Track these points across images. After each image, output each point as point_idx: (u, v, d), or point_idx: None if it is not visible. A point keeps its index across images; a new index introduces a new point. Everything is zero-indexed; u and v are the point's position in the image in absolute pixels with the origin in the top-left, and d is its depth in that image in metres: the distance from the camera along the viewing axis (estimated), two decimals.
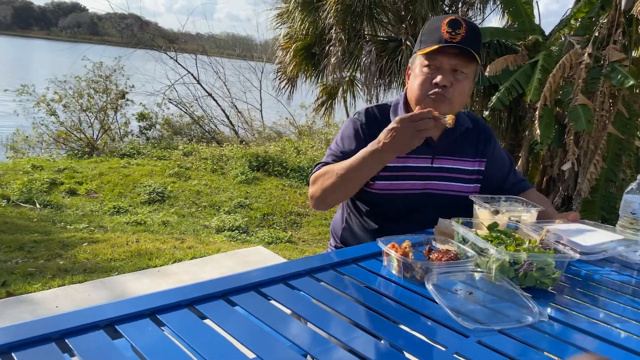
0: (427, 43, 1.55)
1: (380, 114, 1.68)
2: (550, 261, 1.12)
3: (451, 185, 1.67)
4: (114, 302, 0.93)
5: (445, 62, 1.53)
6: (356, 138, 1.63)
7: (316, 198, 1.60)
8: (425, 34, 1.58)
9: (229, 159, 7.41)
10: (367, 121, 1.65)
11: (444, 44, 1.51)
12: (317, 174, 1.60)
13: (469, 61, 1.55)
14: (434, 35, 1.54)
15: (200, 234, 4.66)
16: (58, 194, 5.50)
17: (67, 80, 8.64)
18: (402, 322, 0.96)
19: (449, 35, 1.51)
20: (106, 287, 3.19)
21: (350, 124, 1.67)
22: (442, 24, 1.53)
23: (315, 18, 6.79)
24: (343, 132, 1.68)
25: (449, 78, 1.53)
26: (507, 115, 5.71)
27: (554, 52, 4.95)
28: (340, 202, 1.74)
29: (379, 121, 1.64)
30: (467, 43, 1.52)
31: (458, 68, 1.54)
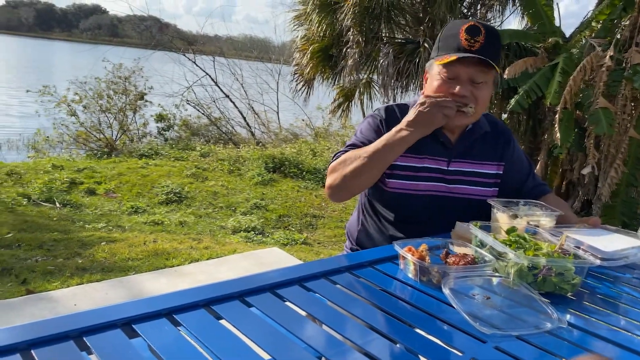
0: (444, 50, 1.53)
1: (400, 112, 1.66)
2: (569, 267, 1.11)
3: (468, 188, 1.65)
4: (131, 302, 0.93)
5: (463, 71, 1.51)
6: (376, 132, 1.62)
7: (335, 186, 1.56)
8: (442, 40, 1.56)
9: (245, 160, 7.44)
10: (387, 117, 1.64)
11: (462, 53, 1.48)
12: (336, 162, 1.57)
13: (487, 69, 1.51)
14: (451, 42, 1.52)
15: (216, 234, 4.68)
16: (77, 193, 5.58)
17: (88, 82, 8.78)
18: (418, 326, 0.95)
19: (467, 43, 1.49)
20: (124, 286, 3.22)
21: (370, 119, 1.67)
22: (460, 31, 1.50)
23: (333, 20, 6.79)
24: (363, 126, 1.67)
25: (468, 87, 1.51)
26: (525, 118, 5.65)
27: (575, 54, 4.88)
28: (360, 190, 1.68)
29: (399, 119, 1.62)
30: (485, 50, 1.49)
31: (475, 78, 1.52)
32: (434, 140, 1.62)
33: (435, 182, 1.62)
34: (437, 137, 1.62)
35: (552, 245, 1.20)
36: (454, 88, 1.50)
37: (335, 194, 1.58)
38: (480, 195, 1.65)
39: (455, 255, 1.19)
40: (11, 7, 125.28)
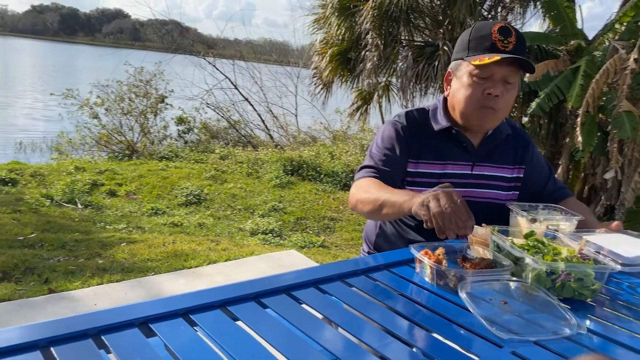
0: (477, 51, 1.51)
1: (420, 117, 1.66)
2: (589, 272, 1.09)
3: (490, 192, 1.64)
4: (148, 301, 0.95)
5: (497, 72, 1.49)
6: (398, 139, 1.61)
7: (353, 206, 1.58)
8: (474, 40, 1.53)
9: (264, 163, 7.48)
10: (408, 123, 1.63)
11: (501, 53, 1.47)
12: (361, 185, 1.55)
13: (518, 70, 1.52)
14: (484, 42, 1.50)
15: (234, 236, 4.71)
16: (99, 194, 5.66)
17: (110, 85, 8.92)
18: (435, 330, 0.95)
19: (501, 44, 1.48)
20: (143, 286, 3.26)
21: (391, 126, 1.64)
22: (492, 31, 1.49)
23: (352, 23, 6.80)
24: (384, 133, 1.65)
25: (500, 87, 1.50)
26: (547, 122, 5.57)
27: (598, 57, 4.81)
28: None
29: (419, 124, 1.63)
30: (518, 52, 1.49)
31: (509, 78, 1.51)
32: (457, 145, 1.62)
33: (459, 187, 1.60)
34: (460, 142, 1.62)
35: (571, 250, 1.19)
36: (488, 88, 1.49)
37: (352, 207, 1.60)
38: (500, 199, 1.65)
39: (472, 259, 1.18)
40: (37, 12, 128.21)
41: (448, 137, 1.62)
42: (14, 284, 3.19)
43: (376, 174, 1.57)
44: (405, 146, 1.60)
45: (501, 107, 1.52)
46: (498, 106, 1.51)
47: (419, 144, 1.61)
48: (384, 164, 1.58)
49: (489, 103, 1.50)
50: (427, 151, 1.61)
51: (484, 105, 1.51)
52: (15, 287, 3.14)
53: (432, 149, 1.61)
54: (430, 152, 1.61)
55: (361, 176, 1.59)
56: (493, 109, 1.51)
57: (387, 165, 1.58)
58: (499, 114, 1.54)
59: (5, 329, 0.81)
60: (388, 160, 1.59)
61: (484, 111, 1.52)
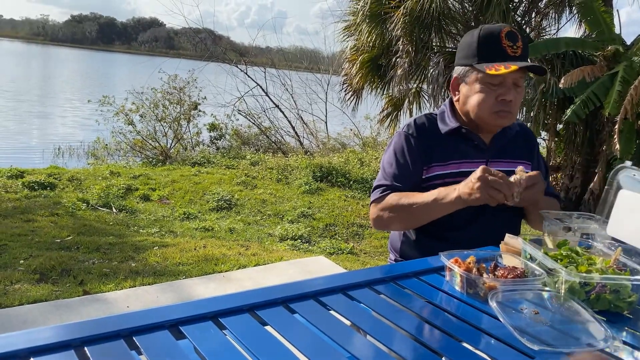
0: (489, 58, 1.53)
1: (429, 122, 1.68)
2: (626, 284, 1.06)
3: None
4: (179, 304, 0.96)
5: (509, 77, 1.53)
6: (409, 150, 1.63)
7: (381, 225, 1.64)
8: (483, 46, 1.54)
9: (293, 169, 7.52)
10: (417, 132, 1.65)
11: (513, 60, 1.51)
12: (382, 202, 1.60)
13: (525, 72, 1.58)
14: (494, 49, 1.53)
15: (264, 241, 4.75)
16: (133, 199, 5.79)
17: (144, 92, 9.14)
18: (464, 339, 0.93)
19: (511, 50, 1.52)
20: (174, 289, 3.31)
21: (402, 138, 1.66)
22: (501, 37, 1.52)
23: (383, 30, 6.80)
24: (395, 147, 1.67)
25: (513, 92, 1.54)
26: (582, 129, 5.45)
27: (637, 62, 4.68)
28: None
29: (428, 129, 1.66)
30: (525, 54, 1.55)
31: (518, 82, 1.55)
32: (469, 144, 1.64)
33: None
34: (472, 140, 1.64)
35: (607, 260, 1.15)
36: (502, 94, 1.53)
37: (380, 228, 1.68)
38: None
39: (503, 268, 1.16)
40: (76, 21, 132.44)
41: (459, 137, 1.64)
42: (51, 285, 3.29)
43: (391, 191, 1.61)
44: (417, 155, 1.62)
45: (514, 108, 1.58)
46: (511, 109, 1.56)
47: (431, 149, 1.63)
48: (398, 179, 1.62)
49: (504, 108, 1.54)
50: (439, 154, 1.62)
51: (498, 110, 1.55)
52: (52, 288, 3.23)
53: (444, 151, 1.62)
54: (443, 154, 1.62)
55: (377, 197, 1.63)
56: (508, 112, 1.56)
57: (401, 181, 1.62)
58: (513, 115, 1.59)
59: (42, 329, 0.84)
60: (401, 175, 1.63)
61: (499, 115, 1.56)
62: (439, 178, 1.61)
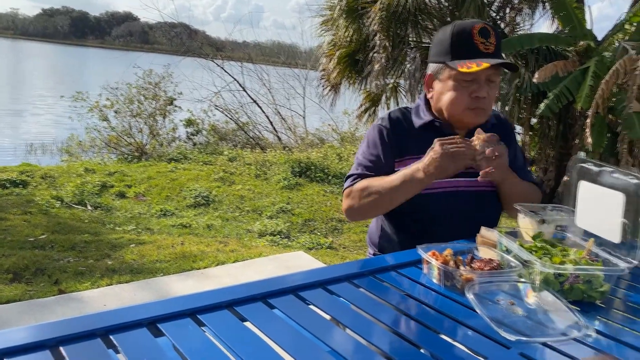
0: (462, 55, 1.53)
1: (403, 116, 1.70)
2: (598, 274, 1.08)
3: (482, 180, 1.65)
4: (157, 301, 0.95)
5: (482, 74, 1.53)
6: (382, 142, 1.64)
7: (353, 213, 1.64)
8: (456, 44, 1.55)
9: (272, 165, 7.49)
10: (391, 125, 1.66)
11: (485, 57, 1.51)
12: (353, 189, 1.61)
13: (500, 69, 1.58)
14: (467, 46, 1.53)
15: (243, 237, 4.73)
16: (108, 196, 5.70)
17: (119, 87, 8.98)
18: (442, 331, 0.94)
19: (484, 47, 1.52)
20: (151, 287, 3.28)
21: (375, 130, 1.68)
22: (473, 33, 1.52)
23: (359, 25, 6.80)
24: (368, 139, 1.69)
25: (486, 89, 1.55)
26: (556, 123, 5.54)
27: (607, 57, 4.78)
28: (376, 216, 1.77)
29: (403, 123, 1.67)
30: (499, 50, 1.56)
31: (492, 77, 1.56)
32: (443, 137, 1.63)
33: (447, 179, 1.61)
34: (445, 134, 1.64)
35: (580, 251, 1.18)
36: (475, 91, 1.54)
37: (354, 218, 1.68)
38: (490, 186, 1.66)
39: (480, 260, 1.18)
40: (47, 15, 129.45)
41: (432, 131, 1.64)
42: (25, 284, 3.22)
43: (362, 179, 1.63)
44: (389, 148, 1.64)
45: (488, 104, 1.59)
46: (485, 105, 1.57)
47: (404, 142, 1.64)
48: (370, 170, 1.64)
49: (478, 104, 1.55)
50: (413, 147, 1.63)
51: (472, 107, 1.56)
52: (25, 287, 3.17)
53: (418, 145, 1.62)
54: (417, 148, 1.62)
55: (348, 185, 1.64)
56: (482, 109, 1.57)
57: (372, 171, 1.63)
58: (487, 112, 1.60)
59: (16, 329, 0.82)
60: (373, 166, 1.64)
61: (473, 112, 1.57)
62: None
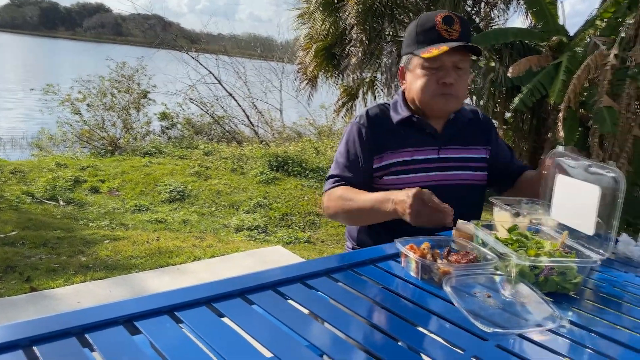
0: (425, 43, 1.57)
1: (381, 112, 1.71)
2: (572, 266, 1.10)
3: (460, 174, 1.69)
4: (133, 299, 0.94)
5: (447, 60, 1.56)
6: (360, 141, 1.65)
7: (330, 217, 1.68)
8: (420, 34, 1.59)
9: (248, 159, 7.45)
10: (369, 123, 1.67)
11: (447, 42, 1.53)
12: (332, 194, 1.62)
13: (467, 55, 1.60)
14: (430, 34, 1.57)
15: (219, 233, 4.69)
16: (81, 191, 5.59)
17: (91, 80, 8.79)
18: (420, 324, 0.95)
19: (447, 33, 1.55)
20: (127, 284, 3.23)
21: (354, 128, 1.69)
22: (436, 22, 1.56)
23: (336, 19, 6.80)
24: (347, 138, 1.69)
25: (453, 75, 1.57)
26: (529, 117, 5.63)
27: (579, 53, 4.87)
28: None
29: (381, 120, 1.68)
30: (465, 38, 1.57)
31: (459, 64, 1.58)
32: (421, 132, 1.67)
33: (428, 172, 1.65)
34: (423, 128, 1.67)
35: (554, 243, 1.20)
36: (442, 77, 1.56)
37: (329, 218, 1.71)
38: (471, 180, 1.70)
39: (457, 253, 1.19)
40: (16, 5, 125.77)
41: (411, 126, 1.67)
42: None
43: (342, 182, 1.63)
44: (368, 146, 1.64)
45: (458, 91, 1.60)
46: (454, 91, 1.58)
47: (383, 138, 1.65)
48: (349, 170, 1.65)
49: (445, 90, 1.57)
50: (391, 143, 1.64)
51: (441, 93, 1.58)
52: None
53: (397, 140, 1.65)
54: (396, 143, 1.64)
55: (329, 187, 1.65)
56: (451, 95, 1.58)
57: (352, 171, 1.64)
58: (458, 98, 1.62)
59: None
60: (352, 165, 1.65)
61: (442, 98, 1.59)
62: (393, 166, 1.63)
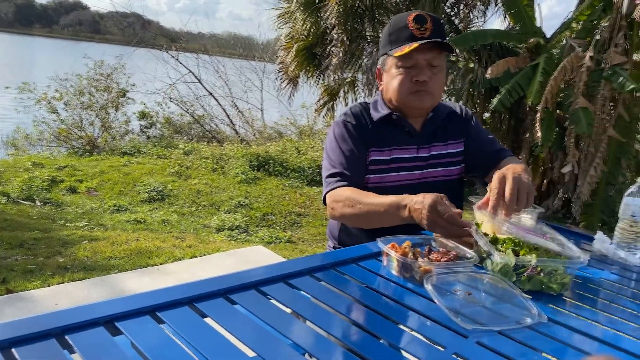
0: (398, 43, 1.59)
1: (363, 111, 1.72)
2: (559, 267, 1.12)
3: (440, 171, 1.72)
4: (114, 299, 0.93)
5: (420, 58, 1.58)
6: (351, 136, 1.66)
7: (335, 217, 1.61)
8: (393, 34, 1.62)
9: (229, 159, 7.41)
10: (354, 118, 1.69)
11: (419, 41, 1.55)
12: (339, 195, 1.55)
13: (441, 53, 1.61)
14: (402, 33, 1.59)
15: (200, 233, 4.66)
16: (58, 191, 5.50)
17: (69, 79, 8.65)
18: (401, 322, 0.96)
19: (419, 32, 1.57)
20: (106, 285, 3.19)
21: (341, 126, 1.69)
22: (408, 22, 1.58)
23: (317, 18, 6.80)
24: (337, 136, 1.68)
25: (427, 72, 1.59)
26: (507, 117, 5.72)
27: (556, 55, 4.96)
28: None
29: (364, 118, 1.70)
30: (437, 35, 1.59)
31: (433, 62, 1.60)
32: (400, 131, 1.69)
33: (408, 171, 1.67)
34: (403, 127, 1.69)
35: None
36: (415, 75, 1.59)
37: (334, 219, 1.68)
38: (449, 175, 1.73)
39: (437, 252, 1.20)
40: None
41: (391, 124, 1.69)
42: None
43: (344, 180, 1.59)
44: (359, 141, 1.65)
45: (433, 88, 1.62)
46: (429, 88, 1.60)
47: (368, 135, 1.67)
48: (348, 167, 1.62)
49: (419, 88, 1.60)
50: (375, 141, 1.66)
51: (415, 91, 1.60)
52: None
53: (378, 138, 1.67)
54: (378, 141, 1.66)
55: (332, 187, 1.59)
56: (426, 92, 1.60)
57: (350, 168, 1.62)
58: (433, 96, 1.63)
59: None
60: (348, 162, 1.62)
61: (417, 95, 1.61)
62: (375, 164, 1.65)
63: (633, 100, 4.81)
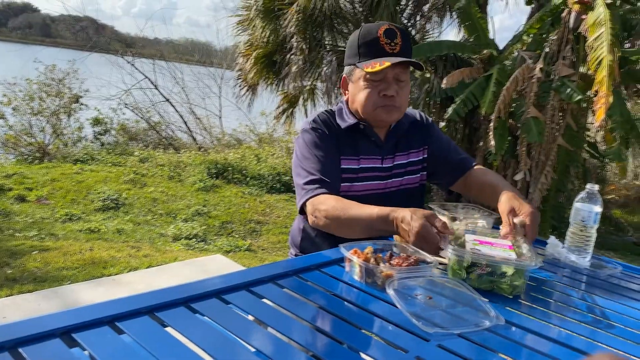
0: (368, 56, 1.59)
1: (329, 119, 1.72)
2: (509, 269, 1.15)
3: (402, 180, 1.74)
4: (70, 310, 0.90)
5: (389, 73, 1.59)
6: (322, 141, 1.65)
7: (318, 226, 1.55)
8: (363, 46, 1.61)
9: (186, 166, 7.30)
10: (325, 127, 1.68)
11: (389, 57, 1.56)
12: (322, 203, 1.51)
13: (407, 67, 1.64)
14: (373, 47, 1.59)
15: (156, 242, 4.56)
16: (6, 200, 5.28)
17: (17, 83, 8.33)
18: (364, 326, 0.97)
19: (389, 47, 1.58)
20: (58, 296, 3.08)
21: (311, 133, 1.67)
22: (379, 35, 1.59)
23: (277, 26, 6.80)
24: (308, 143, 1.65)
25: (395, 87, 1.61)
26: (462, 126, 5.86)
27: (508, 66, 5.12)
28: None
29: (331, 124, 1.70)
30: (406, 51, 1.61)
31: (400, 77, 1.62)
32: (367, 140, 1.70)
33: (373, 180, 1.69)
34: (369, 137, 1.70)
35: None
36: (383, 89, 1.60)
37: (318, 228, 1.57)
38: (412, 183, 1.76)
39: (398, 257, 1.22)
40: None
41: (359, 133, 1.69)
42: None
43: (324, 187, 1.56)
44: (333, 147, 1.65)
45: (400, 102, 1.64)
46: (396, 103, 1.62)
47: (337, 143, 1.67)
48: (325, 173, 1.58)
49: (387, 102, 1.61)
50: (344, 149, 1.67)
51: (383, 105, 1.61)
52: None
53: (347, 146, 1.67)
54: (347, 150, 1.67)
55: (313, 195, 1.55)
56: (393, 106, 1.62)
57: (327, 173, 1.59)
58: (399, 110, 1.65)
59: None
60: (325, 167, 1.60)
61: (385, 109, 1.62)
62: (345, 172, 1.65)
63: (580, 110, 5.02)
